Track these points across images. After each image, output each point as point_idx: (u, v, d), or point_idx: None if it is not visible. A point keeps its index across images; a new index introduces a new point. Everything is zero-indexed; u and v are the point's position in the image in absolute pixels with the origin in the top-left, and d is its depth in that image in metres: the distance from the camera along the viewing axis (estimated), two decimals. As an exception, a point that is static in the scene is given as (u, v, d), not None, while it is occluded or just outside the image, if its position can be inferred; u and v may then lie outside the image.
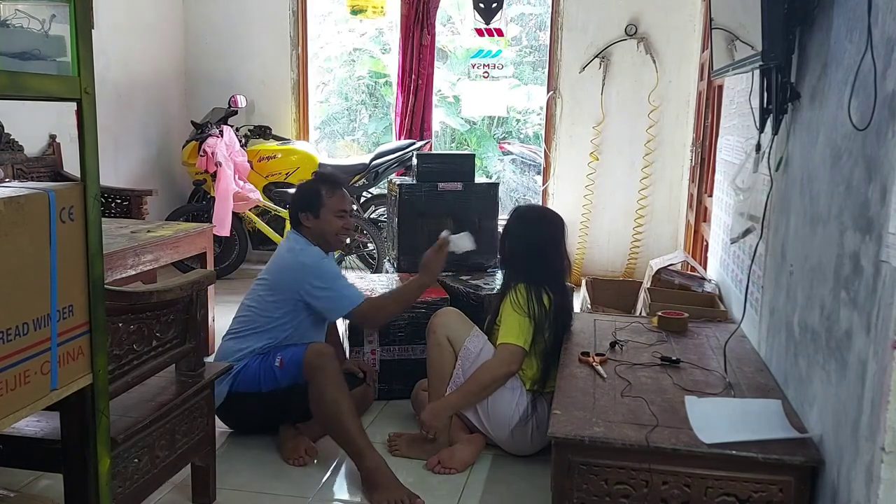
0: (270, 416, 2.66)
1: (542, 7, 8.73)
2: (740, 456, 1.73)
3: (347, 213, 2.75)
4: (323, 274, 2.64)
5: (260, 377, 2.56)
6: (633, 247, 5.29)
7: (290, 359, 2.54)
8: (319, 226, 2.70)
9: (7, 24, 1.32)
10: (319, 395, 2.42)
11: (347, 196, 2.80)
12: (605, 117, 5.21)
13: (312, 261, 2.66)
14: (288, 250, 2.71)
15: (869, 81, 1.47)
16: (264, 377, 2.56)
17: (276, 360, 2.56)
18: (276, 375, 2.55)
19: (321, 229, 2.70)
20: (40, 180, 4.13)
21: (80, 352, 1.40)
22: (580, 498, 1.83)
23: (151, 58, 5.36)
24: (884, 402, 1.33)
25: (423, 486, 2.40)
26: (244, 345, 2.64)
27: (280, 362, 2.55)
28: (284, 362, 2.54)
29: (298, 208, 2.72)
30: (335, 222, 2.71)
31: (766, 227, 2.38)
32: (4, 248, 1.21)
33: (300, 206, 2.72)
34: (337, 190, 2.74)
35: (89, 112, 1.36)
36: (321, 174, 2.87)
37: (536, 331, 2.56)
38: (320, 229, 2.70)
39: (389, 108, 8.84)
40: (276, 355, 2.57)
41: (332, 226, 2.71)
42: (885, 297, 1.36)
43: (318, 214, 2.69)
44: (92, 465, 1.48)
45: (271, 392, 2.56)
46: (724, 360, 2.30)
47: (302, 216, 2.71)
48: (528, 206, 2.93)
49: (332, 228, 2.71)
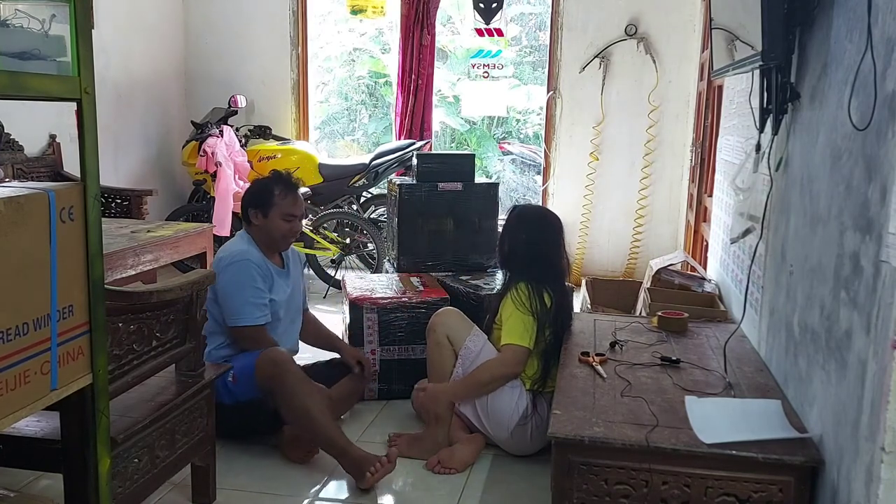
0: (241, 427, 2.58)
1: (542, 7, 8.73)
2: (740, 456, 1.73)
3: (297, 218, 2.70)
4: (232, 275, 2.56)
5: (220, 390, 2.43)
6: (633, 247, 5.29)
7: (241, 372, 2.47)
8: (266, 225, 2.66)
9: (7, 24, 1.32)
10: (286, 403, 2.38)
11: (300, 200, 2.74)
12: (605, 117, 5.21)
13: (229, 259, 2.60)
14: (222, 248, 2.71)
15: (869, 81, 1.47)
16: (223, 391, 2.46)
17: (229, 374, 2.46)
18: (231, 390, 2.49)
19: (267, 229, 2.66)
20: (40, 180, 4.13)
21: (80, 352, 1.40)
22: (580, 498, 1.83)
23: (151, 58, 5.36)
24: (884, 402, 1.33)
25: (423, 486, 2.40)
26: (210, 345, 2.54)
27: (233, 377, 2.47)
28: (237, 377, 2.48)
29: (248, 205, 2.68)
30: (282, 225, 2.66)
31: (766, 227, 2.38)
32: (4, 248, 1.21)
33: (250, 202, 2.68)
34: (290, 192, 2.69)
35: (89, 112, 1.36)
36: (278, 173, 2.80)
37: (538, 329, 2.56)
38: (267, 229, 2.66)
39: (389, 108, 8.84)
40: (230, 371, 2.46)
41: (279, 228, 2.66)
42: (885, 297, 1.36)
43: (266, 214, 2.65)
44: (92, 465, 1.48)
45: (233, 405, 2.49)
46: (724, 360, 2.30)
47: (251, 213, 2.67)
48: (527, 206, 2.93)
49: (279, 231, 2.66)
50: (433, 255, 3.71)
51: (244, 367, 2.48)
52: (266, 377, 2.42)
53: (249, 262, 2.60)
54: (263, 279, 2.61)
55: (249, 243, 2.68)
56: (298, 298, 2.87)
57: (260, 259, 2.65)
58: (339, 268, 4.88)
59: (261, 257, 2.66)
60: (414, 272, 3.62)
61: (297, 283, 2.85)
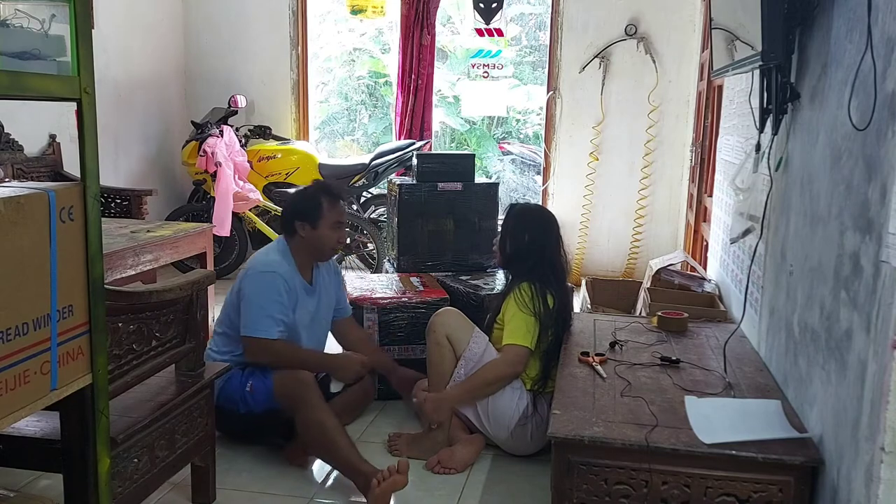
0: (251, 434, 2.62)
1: (542, 7, 8.73)
2: (740, 456, 1.73)
3: (343, 225, 2.70)
4: (258, 285, 2.53)
5: (237, 398, 2.51)
6: (633, 247, 5.29)
7: (258, 386, 2.49)
8: (315, 236, 2.62)
9: (7, 24, 1.32)
10: (305, 423, 2.37)
11: (345, 208, 2.73)
12: (605, 117, 5.21)
13: (260, 268, 2.57)
14: (255, 255, 2.68)
15: (869, 81, 1.47)
16: (240, 399, 2.51)
17: (247, 384, 2.50)
18: (248, 400, 2.51)
19: (316, 240, 2.62)
20: (40, 180, 4.13)
21: (79, 352, 1.39)
22: (580, 498, 1.83)
23: (151, 57, 5.36)
24: (884, 402, 1.33)
25: (423, 486, 2.40)
26: (229, 347, 2.60)
27: (250, 387, 2.50)
28: (254, 389, 2.49)
29: (295, 216, 2.63)
30: (331, 235, 2.63)
31: (765, 227, 2.38)
32: (4, 248, 1.21)
33: (297, 214, 2.63)
34: (337, 202, 2.66)
35: (89, 112, 1.36)
36: (322, 183, 2.77)
37: (540, 330, 2.56)
38: (316, 240, 2.62)
39: (389, 108, 8.84)
40: (249, 379, 2.51)
41: (329, 238, 2.63)
42: (885, 297, 1.36)
43: (315, 225, 2.60)
44: (92, 465, 1.48)
45: (248, 414, 2.51)
46: (723, 360, 2.30)
47: (298, 224, 2.61)
48: (526, 205, 2.92)
49: (328, 241, 2.63)
50: (433, 255, 3.71)
51: (262, 382, 2.48)
52: (293, 398, 2.40)
53: (277, 276, 2.54)
54: (289, 294, 2.57)
55: (285, 255, 2.62)
56: (325, 315, 2.80)
57: (289, 273, 2.59)
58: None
59: (290, 272, 2.60)
60: (414, 272, 3.62)
61: (327, 302, 2.79)
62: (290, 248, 2.65)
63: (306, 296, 2.66)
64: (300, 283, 2.63)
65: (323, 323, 2.80)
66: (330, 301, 2.81)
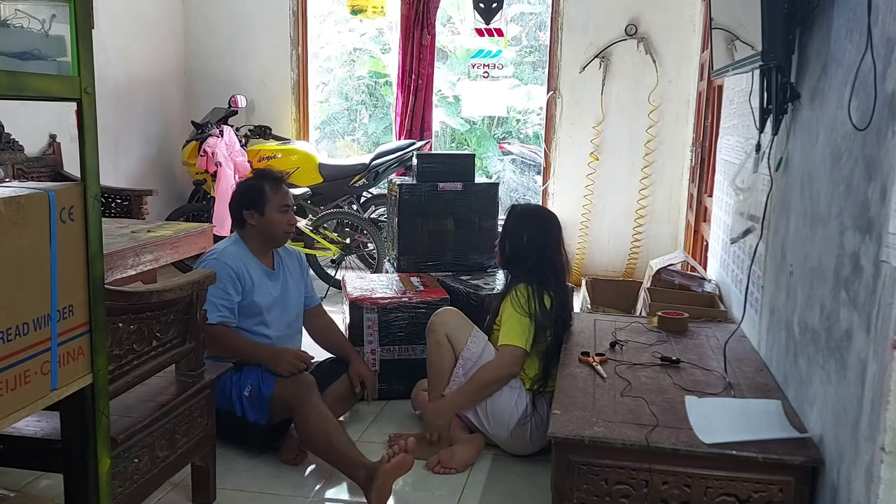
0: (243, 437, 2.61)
1: (542, 7, 8.73)
2: (740, 456, 1.73)
3: (290, 208, 2.72)
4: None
5: (233, 400, 2.52)
6: (633, 247, 5.29)
7: (257, 394, 2.50)
8: (264, 222, 2.67)
9: (7, 24, 1.32)
10: (306, 421, 2.40)
11: (289, 191, 2.77)
12: (605, 117, 5.20)
13: (206, 256, 2.67)
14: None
15: (869, 81, 1.47)
16: (236, 402, 2.52)
17: (245, 388, 2.51)
18: (244, 406, 2.52)
19: (266, 226, 2.67)
20: (40, 180, 4.13)
21: (80, 352, 1.40)
22: (580, 498, 1.83)
23: (151, 57, 5.36)
24: (884, 402, 1.33)
25: (423, 486, 2.40)
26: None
27: (249, 394, 2.51)
28: (253, 396, 2.51)
29: (242, 206, 2.68)
30: (280, 218, 2.68)
31: (766, 227, 2.38)
32: (4, 248, 1.21)
33: (244, 203, 2.68)
34: (280, 186, 2.71)
35: (89, 112, 1.36)
36: (263, 171, 2.83)
37: (538, 331, 2.56)
38: (265, 225, 2.67)
39: (389, 108, 8.84)
40: (247, 383, 2.52)
41: (278, 222, 2.68)
42: (885, 297, 1.36)
43: (262, 211, 2.66)
44: (92, 465, 1.48)
45: (242, 418, 2.53)
46: (724, 360, 2.30)
47: (246, 214, 2.67)
48: (527, 206, 2.92)
49: (278, 225, 2.68)
50: (433, 255, 3.71)
51: (261, 390, 2.49)
52: (296, 399, 2.42)
53: (218, 262, 2.58)
54: (236, 279, 2.59)
55: (236, 244, 2.68)
56: (295, 300, 2.82)
57: (238, 259, 2.62)
58: (339, 268, 4.88)
59: (241, 257, 2.63)
60: (414, 272, 3.62)
61: (294, 285, 2.81)
62: (241, 237, 2.71)
63: (268, 280, 2.70)
64: (259, 268, 2.68)
65: (293, 306, 2.81)
66: (298, 285, 2.84)
